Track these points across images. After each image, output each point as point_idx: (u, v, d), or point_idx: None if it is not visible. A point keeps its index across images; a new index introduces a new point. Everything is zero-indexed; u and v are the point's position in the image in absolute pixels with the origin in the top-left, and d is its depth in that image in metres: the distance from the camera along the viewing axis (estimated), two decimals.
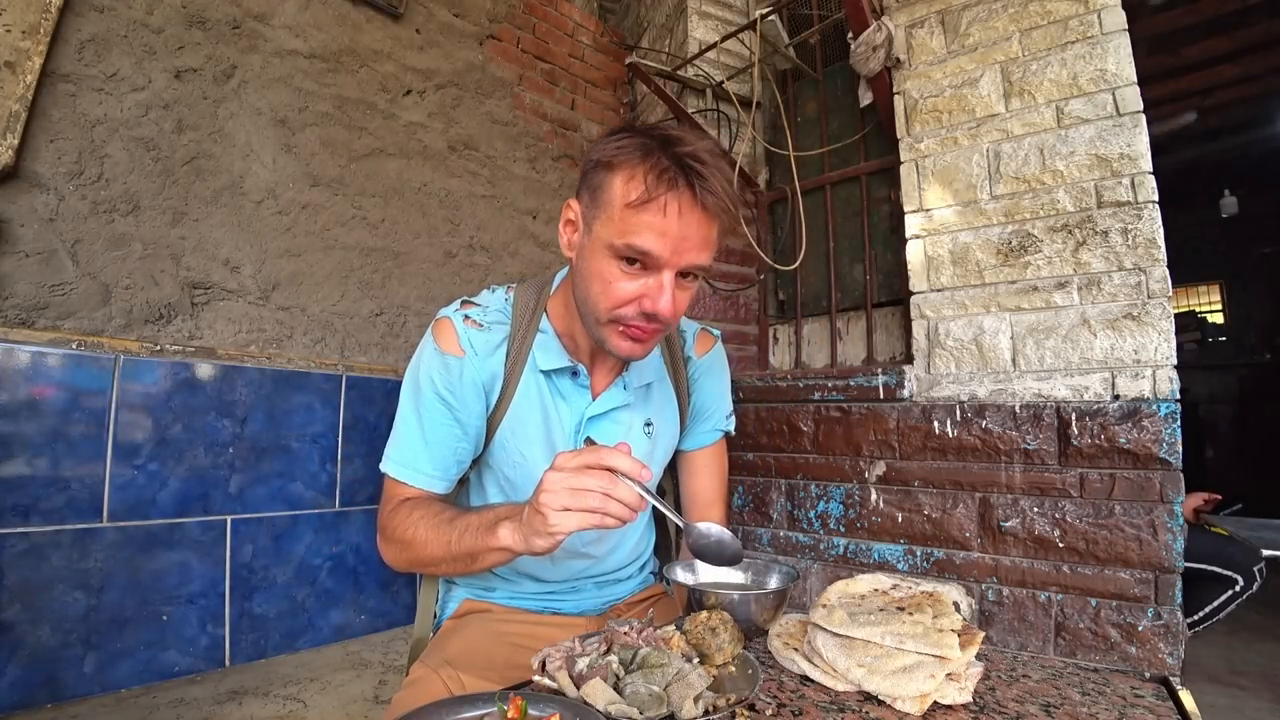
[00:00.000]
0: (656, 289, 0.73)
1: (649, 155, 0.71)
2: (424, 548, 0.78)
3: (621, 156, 0.73)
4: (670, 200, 0.70)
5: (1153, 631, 1.07)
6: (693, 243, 0.72)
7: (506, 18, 2.31)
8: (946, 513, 1.30)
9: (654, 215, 0.70)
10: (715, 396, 1.07)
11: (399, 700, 0.76)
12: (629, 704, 0.56)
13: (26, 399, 1.26)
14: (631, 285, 0.74)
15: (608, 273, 0.74)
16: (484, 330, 0.86)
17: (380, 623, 1.76)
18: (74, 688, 1.26)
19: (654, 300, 0.73)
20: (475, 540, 0.73)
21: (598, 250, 0.75)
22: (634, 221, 0.71)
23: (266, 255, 1.67)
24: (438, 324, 0.87)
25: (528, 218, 2.35)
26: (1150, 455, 1.09)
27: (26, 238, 1.32)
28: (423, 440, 0.84)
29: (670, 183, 0.70)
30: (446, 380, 0.84)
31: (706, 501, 1.09)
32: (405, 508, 0.82)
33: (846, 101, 1.84)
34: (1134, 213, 1.15)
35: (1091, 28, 1.21)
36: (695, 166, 0.70)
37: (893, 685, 0.62)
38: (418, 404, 0.85)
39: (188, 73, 1.55)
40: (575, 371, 0.88)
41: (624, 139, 0.74)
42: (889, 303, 1.72)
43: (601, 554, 0.98)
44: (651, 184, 0.69)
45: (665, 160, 0.70)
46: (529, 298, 0.91)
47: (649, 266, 0.73)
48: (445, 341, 0.85)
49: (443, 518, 0.78)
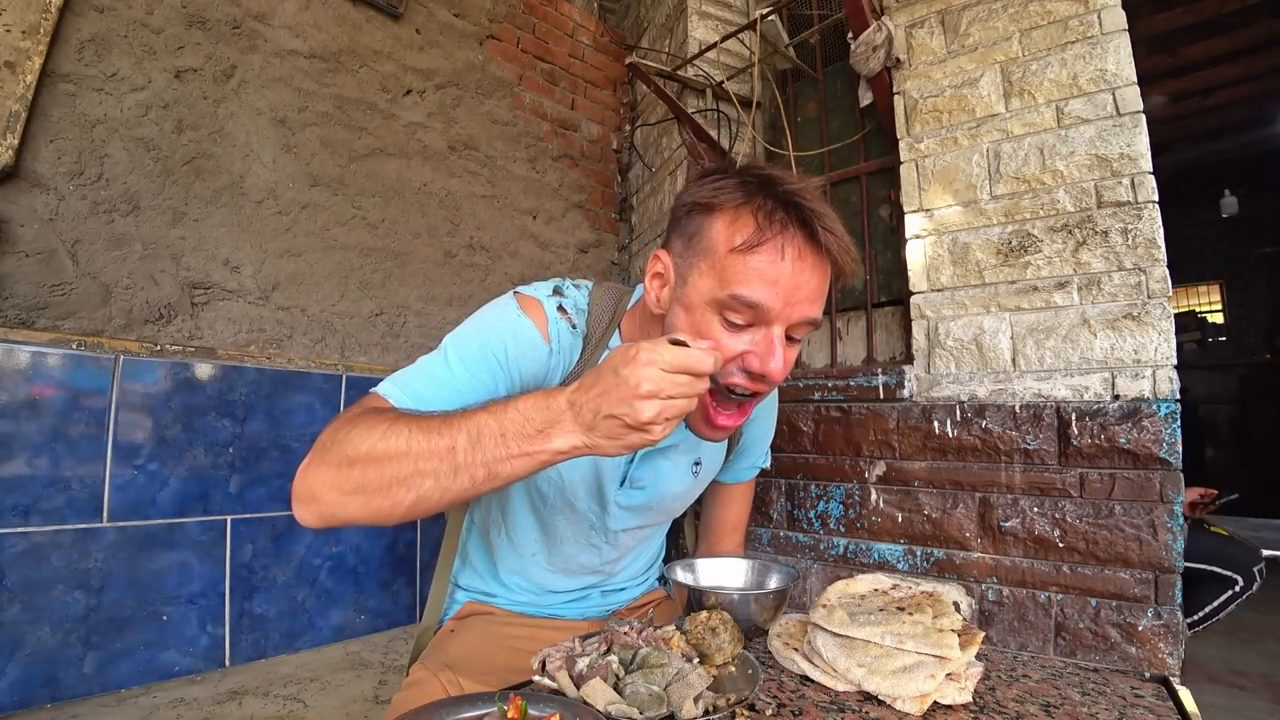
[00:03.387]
0: (765, 346, 0.64)
1: (753, 195, 0.64)
2: (399, 457, 0.58)
3: (722, 196, 0.65)
4: (784, 243, 0.62)
5: (1153, 631, 1.07)
6: (805, 293, 0.64)
7: (506, 18, 2.31)
8: (946, 513, 1.30)
9: (764, 260, 0.62)
10: (762, 434, 1.05)
11: (399, 701, 0.76)
12: (629, 704, 0.56)
13: (26, 399, 1.26)
14: (736, 341, 0.65)
15: (707, 329, 0.65)
16: (573, 332, 0.78)
17: (380, 623, 1.76)
18: (74, 688, 1.26)
19: (763, 360, 0.64)
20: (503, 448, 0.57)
21: (695, 304, 0.66)
22: (740, 269, 0.62)
23: (266, 255, 1.67)
24: (525, 299, 0.77)
25: (528, 218, 2.35)
26: (1150, 455, 1.09)
27: (26, 238, 1.32)
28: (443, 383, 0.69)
29: (782, 223, 0.62)
30: (517, 351, 0.73)
31: (731, 527, 1.09)
32: (373, 413, 0.63)
33: (846, 101, 1.84)
34: (1134, 213, 1.15)
35: (1091, 28, 1.21)
36: (807, 205, 0.62)
37: (893, 685, 0.62)
38: (462, 350, 0.72)
39: (188, 73, 1.55)
40: None
41: (720, 180, 0.66)
42: (889, 303, 1.72)
43: (616, 571, 0.98)
44: (762, 224, 0.62)
45: (773, 200, 0.63)
46: (605, 308, 0.82)
47: (756, 321, 0.64)
48: (535, 318, 0.75)
49: (432, 420, 0.60)
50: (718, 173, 0.68)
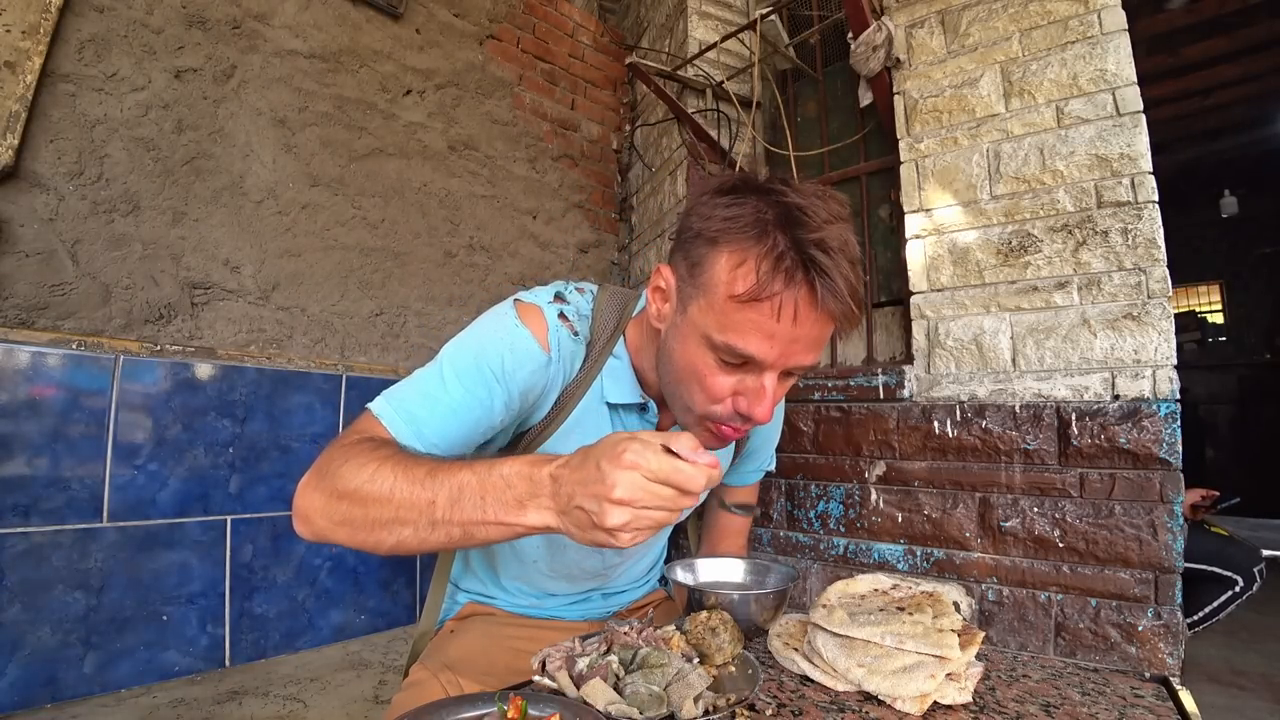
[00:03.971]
0: (756, 392, 0.64)
1: (764, 237, 0.59)
2: (382, 501, 0.57)
3: (731, 233, 0.61)
4: (785, 302, 0.59)
5: (1153, 631, 1.07)
6: (803, 345, 0.62)
7: (506, 18, 2.31)
8: (946, 513, 1.30)
9: (763, 316, 0.59)
10: (767, 437, 1.06)
11: (398, 701, 0.76)
12: (629, 704, 0.56)
13: (26, 399, 1.26)
14: (728, 380, 0.65)
15: (701, 365, 0.65)
16: (575, 340, 0.76)
17: (380, 623, 1.76)
18: (74, 688, 1.26)
19: (751, 404, 0.64)
20: (480, 513, 0.55)
21: (691, 337, 0.65)
22: (738, 319, 0.61)
23: (266, 255, 1.67)
24: (524, 307, 0.75)
25: (528, 218, 2.35)
26: (1150, 455, 1.09)
27: (26, 238, 1.32)
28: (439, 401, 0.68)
29: (788, 279, 0.58)
30: (514, 364, 0.71)
31: (735, 531, 1.11)
32: (369, 446, 0.62)
33: (846, 101, 1.84)
34: (1134, 213, 1.15)
35: (1091, 28, 1.21)
36: (820, 259, 0.58)
37: (893, 685, 0.62)
38: (457, 365, 0.70)
39: (188, 73, 1.55)
40: (644, 407, 0.81)
41: (734, 206, 0.62)
42: (889, 303, 1.72)
43: (618, 575, 0.98)
44: (764, 278, 0.58)
45: (784, 246, 0.58)
46: (610, 315, 0.81)
47: (749, 365, 0.64)
48: (534, 327, 0.74)
49: (419, 469, 0.58)
50: (735, 192, 0.63)
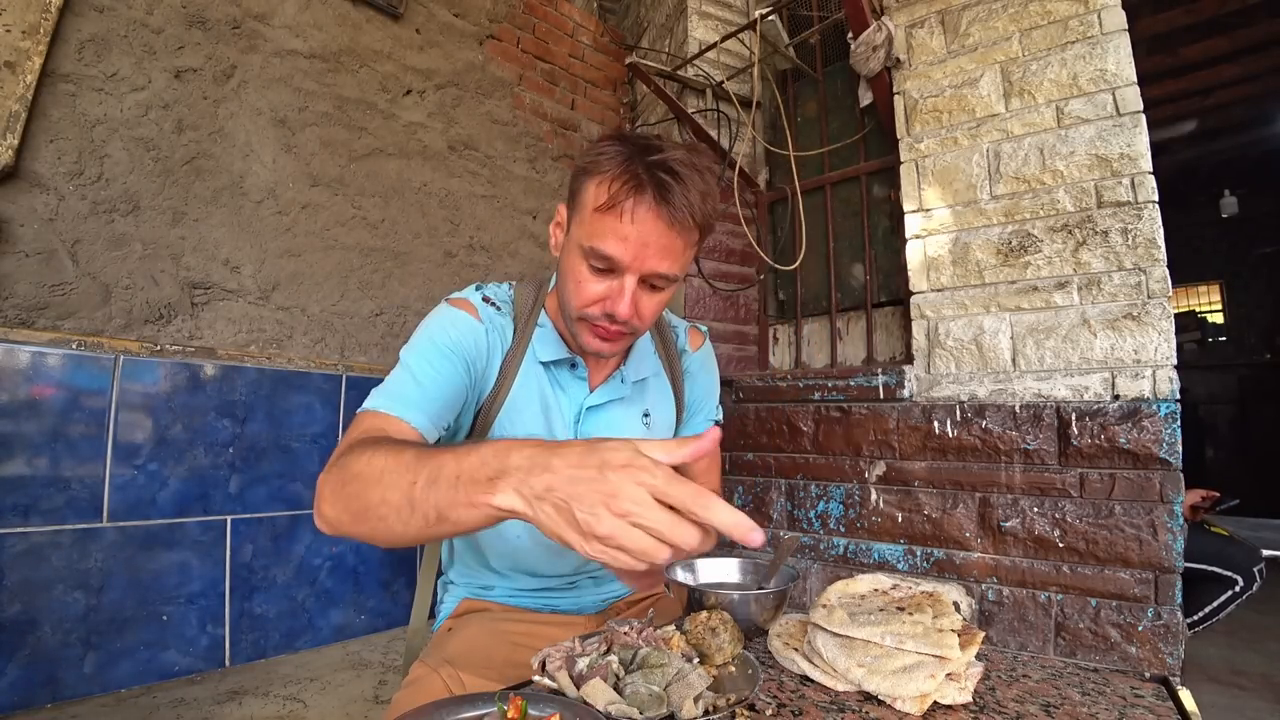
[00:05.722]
0: (618, 292, 0.77)
1: (623, 163, 0.73)
2: (373, 484, 0.58)
3: (600, 163, 0.75)
4: (630, 207, 0.72)
5: (1152, 631, 1.07)
6: (653, 250, 0.74)
7: (506, 18, 2.31)
8: (946, 513, 1.30)
9: (615, 220, 0.73)
10: (708, 389, 1.10)
11: (399, 700, 0.76)
12: (629, 704, 0.56)
13: (26, 399, 1.26)
14: (598, 286, 0.77)
15: (579, 273, 0.78)
16: (500, 313, 0.89)
17: (380, 623, 1.76)
18: (74, 688, 1.26)
19: (614, 303, 0.77)
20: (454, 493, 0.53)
21: (572, 250, 0.79)
22: (599, 226, 0.74)
23: (266, 255, 1.67)
24: (453, 300, 0.89)
25: (528, 218, 2.35)
26: (1150, 455, 1.09)
27: (26, 238, 1.32)
28: (415, 381, 0.80)
29: (632, 189, 0.72)
30: (458, 334, 0.84)
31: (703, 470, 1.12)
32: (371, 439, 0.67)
33: (846, 101, 1.84)
34: (1134, 213, 1.15)
35: (1091, 28, 1.21)
36: (662, 177, 0.71)
37: (893, 685, 0.62)
38: (417, 353, 0.83)
39: (188, 73, 1.55)
40: (573, 364, 0.92)
41: (606, 146, 0.77)
42: (889, 303, 1.72)
43: None
44: (615, 190, 0.72)
45: (636, 167, 0.72)
46: (529, 293, 0.94)
47: (614, 270, 0.76)
48: (464, 308, 0.87)
49: (408, 454, 0.59)
50: (609, 139, 0.77)
